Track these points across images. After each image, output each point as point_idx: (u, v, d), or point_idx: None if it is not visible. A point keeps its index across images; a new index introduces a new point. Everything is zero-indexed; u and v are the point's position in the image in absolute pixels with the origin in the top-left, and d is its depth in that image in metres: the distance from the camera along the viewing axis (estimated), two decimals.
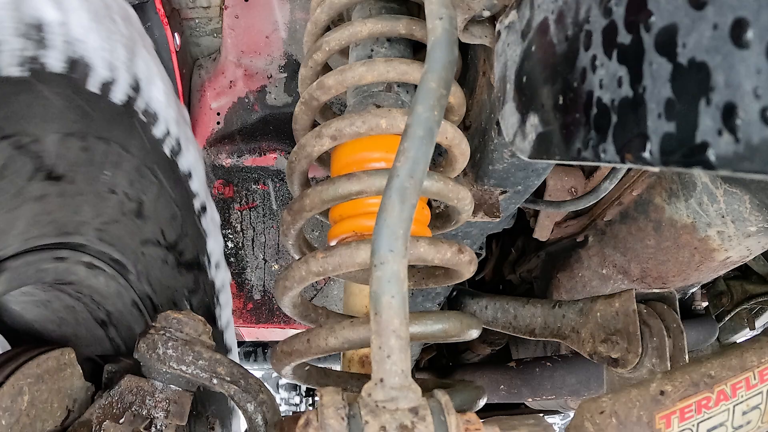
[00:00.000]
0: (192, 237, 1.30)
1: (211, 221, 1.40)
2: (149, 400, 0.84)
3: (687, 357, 1.16)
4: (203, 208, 1.35)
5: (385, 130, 0.88)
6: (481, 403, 0.88)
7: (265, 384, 1.13)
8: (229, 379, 0.84)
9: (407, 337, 0.56)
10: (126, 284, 1.09)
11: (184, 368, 0.84)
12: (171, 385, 0.87)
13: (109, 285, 1.05)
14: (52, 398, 0.79)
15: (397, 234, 0.57)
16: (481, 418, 0.63)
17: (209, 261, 1.39)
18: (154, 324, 0.86)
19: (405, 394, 0.56)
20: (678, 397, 0.72)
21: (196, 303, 1.34)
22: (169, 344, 0.84)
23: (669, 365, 1.12)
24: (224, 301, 1.49)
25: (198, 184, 1.30)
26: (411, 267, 1.04)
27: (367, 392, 0.56)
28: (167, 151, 1.14)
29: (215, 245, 1.41)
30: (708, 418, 0.73)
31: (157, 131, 1.10)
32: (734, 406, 0.75)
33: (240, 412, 0.94)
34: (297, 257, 1.02)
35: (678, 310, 1.22)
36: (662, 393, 0.73)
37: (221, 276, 1.47)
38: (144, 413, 0.84)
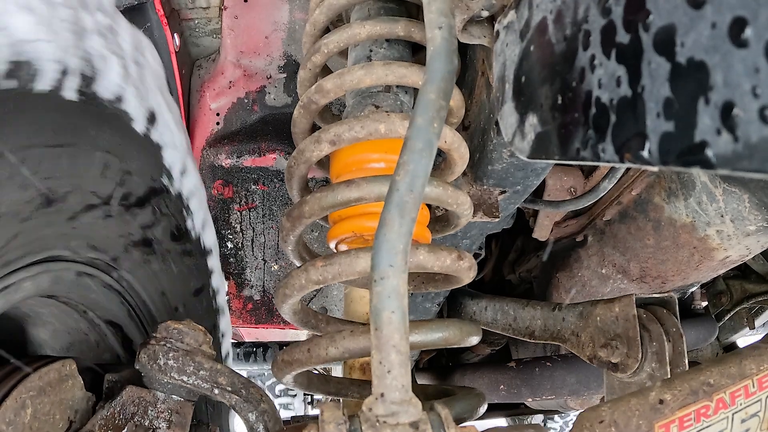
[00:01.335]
0: None
1: None
2: (151, 410, 0.85)
3: (686, 362, 1.16)
4: None
5: (384, 135, 0.88)
6: (482, 410, 0.88)
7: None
8: (230, 389, 0.84)
9: (407, 352, 0.56)
10: None
11: (185, 378, 0.84)
12: (173, 396, 0.87)
13: None
14: (54, 410, 0.79)
15: (397, 249, 0.57)
16: (483, 419, 0.63)
17: None
18: (154, 334, 0.86)
19: (405, 408, 0.56)
20: (677, 406, 0.73)
21: None
22: (170, 355, 0.84)
23: (668, 370, 1.12)
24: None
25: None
26: (411, 272, 1.04)
27: (367, 407, 0.56)
28: None
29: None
30: (707, 427, 0.73)
31: None
32: (733, 414, 0.75)
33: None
34: (297, 263, 1.02)
35: (678, 314, 1.22)
36: (661, 402, 0.73)
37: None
38: (146, 424, 0.84)
